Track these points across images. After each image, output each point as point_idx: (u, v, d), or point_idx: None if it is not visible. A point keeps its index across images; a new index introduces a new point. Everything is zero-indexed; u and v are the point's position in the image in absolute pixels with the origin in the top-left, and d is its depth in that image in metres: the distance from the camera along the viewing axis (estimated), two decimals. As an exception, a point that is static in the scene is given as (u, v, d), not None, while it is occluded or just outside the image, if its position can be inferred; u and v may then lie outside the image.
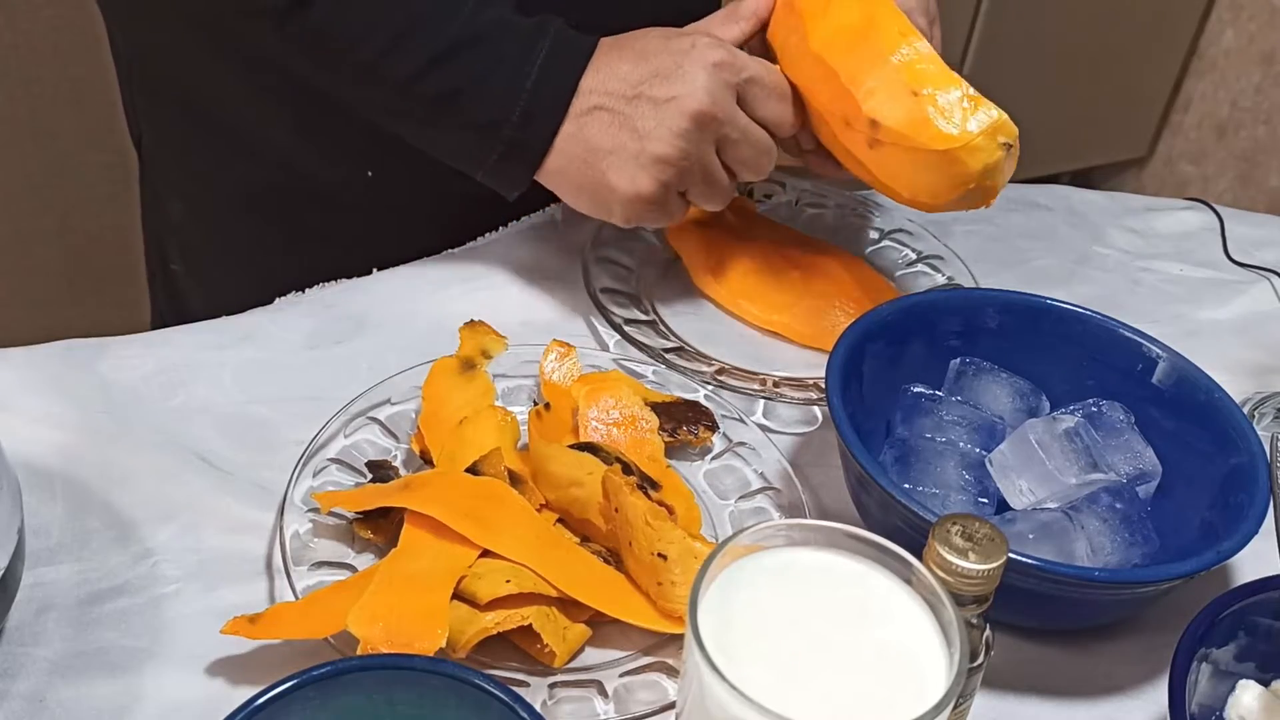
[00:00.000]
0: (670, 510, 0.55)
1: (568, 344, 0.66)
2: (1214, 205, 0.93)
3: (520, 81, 0.65)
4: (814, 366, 0.70)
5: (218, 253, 0.84)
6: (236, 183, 0.80)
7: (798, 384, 0.69)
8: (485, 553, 0.54)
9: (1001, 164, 0.63)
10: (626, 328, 0.71)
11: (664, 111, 0.65)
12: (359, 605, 0.50)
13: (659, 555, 0.52)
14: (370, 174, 0.78)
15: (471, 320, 0.67)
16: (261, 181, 0.79)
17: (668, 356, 0.69)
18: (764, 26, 0.70)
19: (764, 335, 0.74)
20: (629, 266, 0.77)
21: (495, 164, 0.68)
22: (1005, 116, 0.62)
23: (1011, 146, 0.63)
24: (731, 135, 0.67)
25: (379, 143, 0.71)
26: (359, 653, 0.49)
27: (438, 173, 0.71)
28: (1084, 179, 2.22)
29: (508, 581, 0.52)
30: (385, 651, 0.49)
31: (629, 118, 0.65)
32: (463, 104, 0.66)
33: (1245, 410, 0.63)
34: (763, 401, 0.68)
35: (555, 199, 0.73)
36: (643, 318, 0.73)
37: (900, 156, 0.64)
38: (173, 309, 0.88)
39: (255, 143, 0.77)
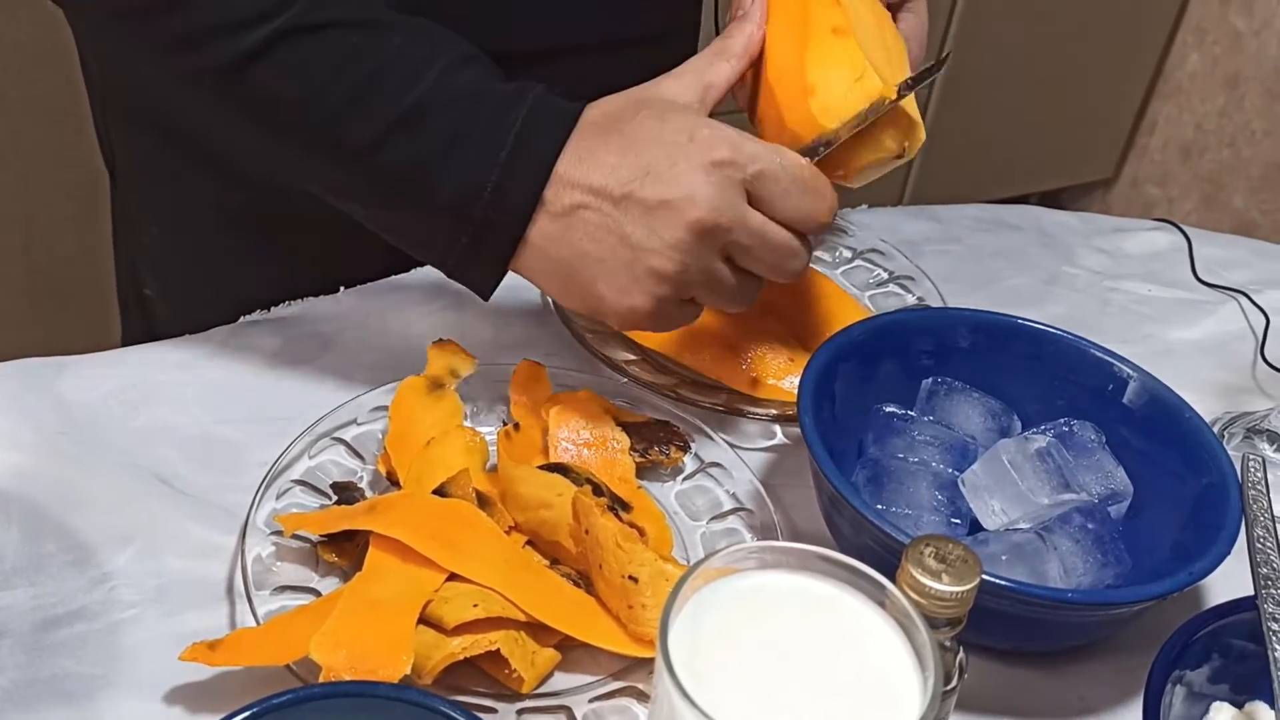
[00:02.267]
0: (641, 532, 0.55)
1: (538, 364, 0.66)
2: (1182, 226, 0.94)
3: (491, 155, 0.56)
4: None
5: (193, 276, 0.83)
6: (212, 204, 0.79)
7: (754, 400, 0.69)
8: (452, 576, 0.53)
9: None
10: (589, 338, 0.70)
11: (657, 220, 0.56)
12: (322, 631, 0.49)
13: (630, 578, 0.52)
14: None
15: (440, 339, 0.66)
16: (236, 202, 0.78)
17: (629, 369, 0.69)
18: (750, 65, 0.63)
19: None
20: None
21: (463, 252, 0.59)
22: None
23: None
24: (743, 241, 0.57)
25: None
26: (321, 680, 0.48)
27: None
28: (1052, 200, 2.24)
29: (475, 606, 0.51)
30: (348, 679, 0.48)
31: (618, 223, 0.56)
32: (425, 179, 0.57)
33: (1215, 430, 0.63)
34: (723, 416, 0.68)
35: None
36: (607, 329, 0.73)
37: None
38: (147, 334, 0.86)
39: (229, 163, 0.76)
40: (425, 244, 0.61)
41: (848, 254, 0.84)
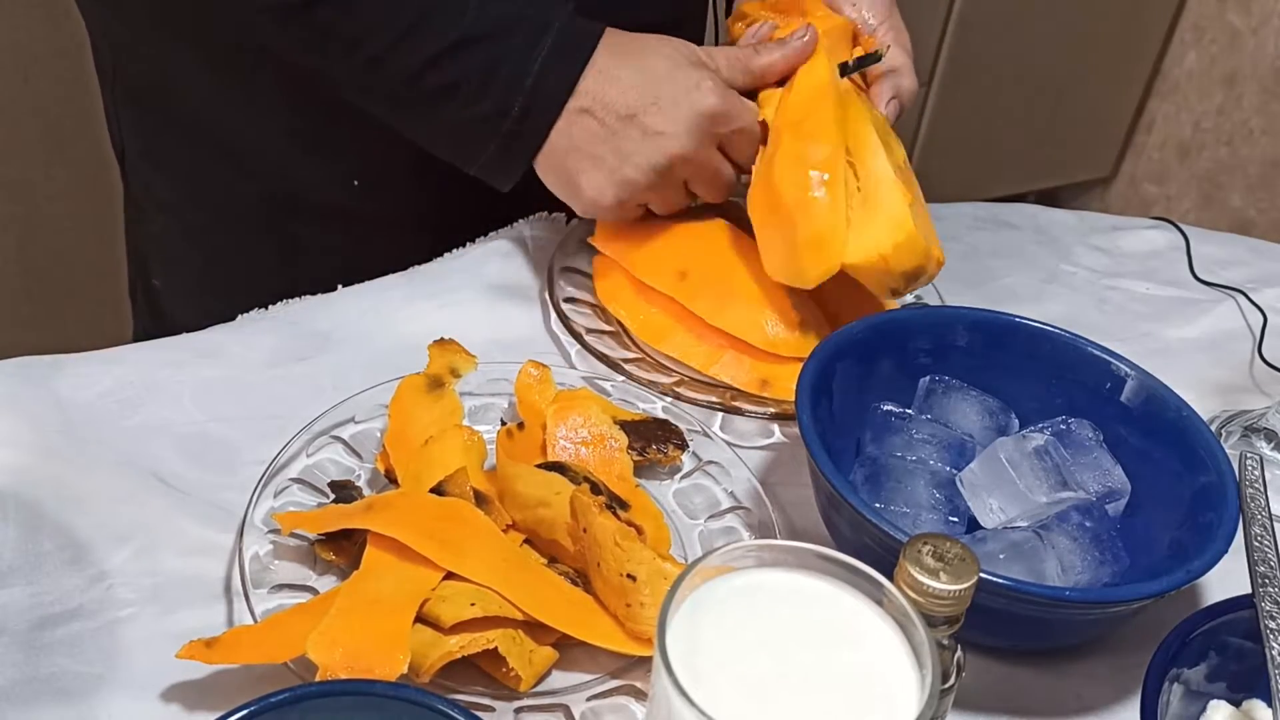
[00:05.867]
0: (639, 530, 0.55)
1: (543, 365, 0.65)
2: (1179, 225, 0.93)
3: (521, 79, 0.66)
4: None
5: (202, 267, 0.84)
6: (223, 194, 0.79)
7: (753, 399, 0.69)
8: (450, 575, 0.53)
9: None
10: (587, 337, 0.70)
11: (649, 144, 0.68)
12: (318, 630, 0.49)
13: (628, 576, 0.52)
14: (357, 183, 0.77)
15: (441, 338, 0.66)
16: (249, 192, 0.79)
17: (627, 368, 0.69)
18: (760, 87, 0.72)
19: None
20: (593, 275, 0.77)
21: (491, 156, 0.69)
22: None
23: None
24: (702, 176, 0.70)
25: (366, 150, 0.71)
26: (318, 678, 0.48)
27: (424, 182, 0.71)
28: (1049, 199, 2.24)
29: (472, 605, 0.51)
30: (345, 677, 0.48)
31: (616, 136, 0.67)
32: (464, 98, 0.67)
33: (1213, 429, 0.63)
34: (721, 415, 0.68)
35: (521, 215, 0.73)
36: (605, 328, 0.73)
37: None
38: (155, 326, 0.87)
39: (242, 151, 0.77)
40: (457, 149, 0.70)
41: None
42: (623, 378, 0.68)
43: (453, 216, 0.77)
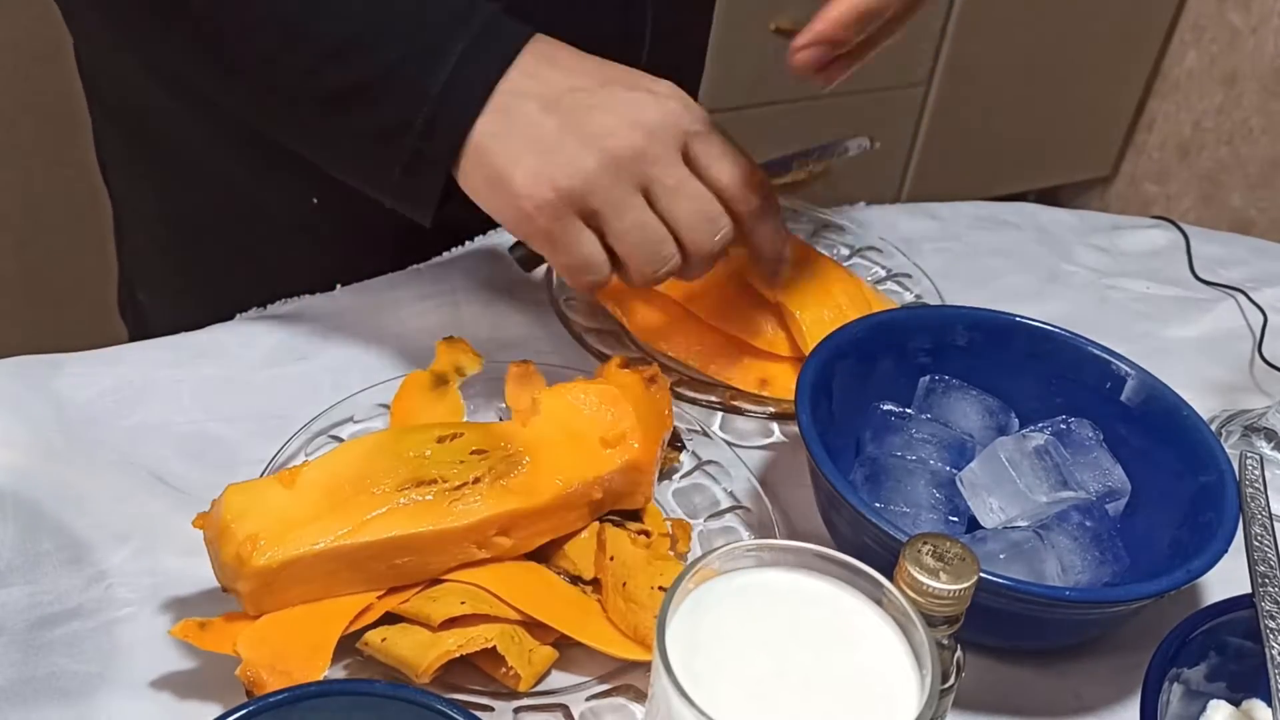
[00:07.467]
0: (648, 534, 0.55)
1: (525, 362, 0.65)
2: (1180, 224, 0.93)
3: (427, 83, 0.56)
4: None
5: (179, 283, 0.83)
6: (188, 209, 0.78)
7: (752, 398, 0.69)
8: (435, 581, 0.53)
9: None
10: (587, 337, 0.70)
11: (595, 124, 0.56)
12: (254, 626, 0.50)
13: (659, 589, 0.52)
14: (315, 200, 0.75)
15: (450, 336, 0.66)
16: (209, 207, 0.77)
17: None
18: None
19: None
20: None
21: (401, 176, 0.58)
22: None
23: None
24: (666, 181, 0.57)
25: (319, 170, 0.68)
26: (238, 673, 0.48)
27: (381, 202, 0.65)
28: (1049, 198, 2.24)
29: (462, 603, 0.51)
30: (266, 677, 0.47)
31: (560, 112, 0.56)
32: (366, 102, 0.57)
33: (1213, 428, 0.63)
34: (720, 414, 0.68)
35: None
36: (605, 328, 0.73)
37: None
38: (142, 339, 0.86)
39: (200, 167, 0.75)
40: (367, 172, 0.60)
41: (845, 251, 0.83)
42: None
43: (419, 232, 0.64)
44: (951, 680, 0.44)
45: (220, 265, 0.80)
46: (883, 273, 0.82)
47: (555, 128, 0.56)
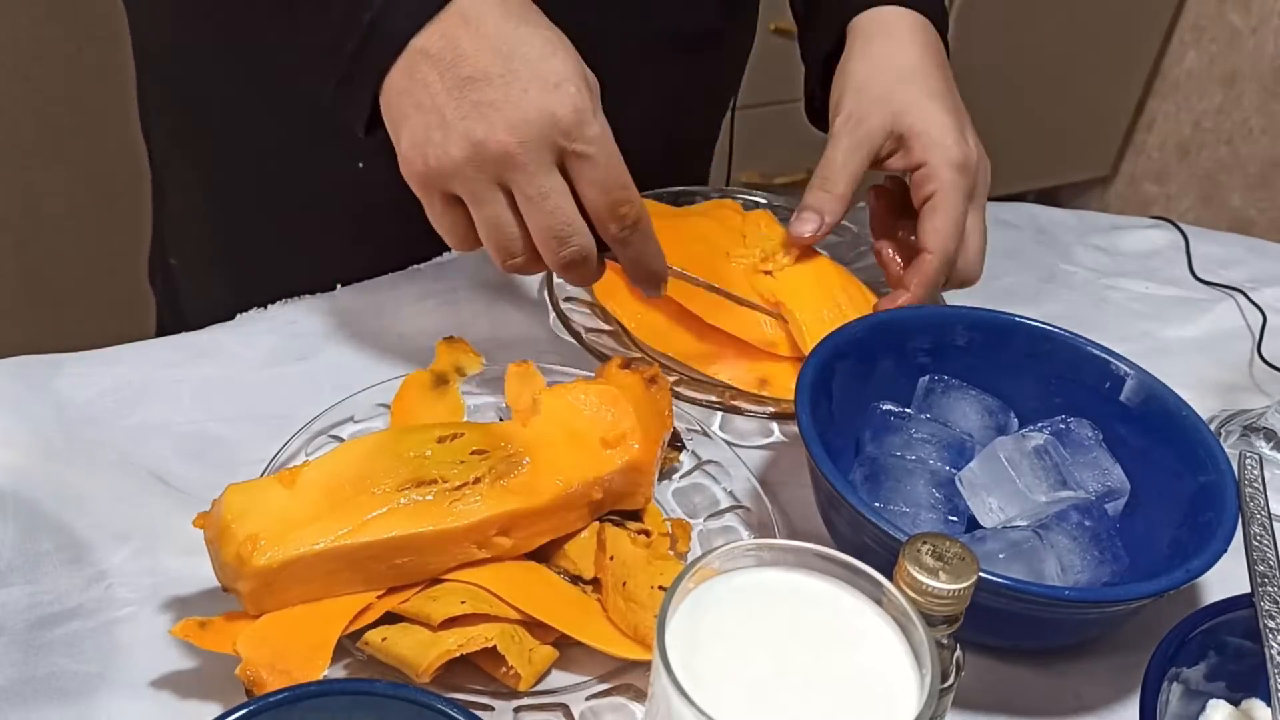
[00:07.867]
0: (648, 534, 0.55)
1: (524, 362, 0.65)
2: (1179, 224, 0.93)
3: (362, 9, 0.57)
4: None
5: (213, 249, 0.85)
6: (226, 176, 0.80)
7: (752, 398, 0.69)
8: (434, 581, 0.53)
9: None
10: (587, 337, 0.70)
11: (475, 117, 0.56)
12: (254, 625, 0.50)
13: (660, 588, 0.52)
14: (361, 165, 0.76)
15: (450, 336, 0.66)
16: (249, 176, 0.79)
17: None
18: None
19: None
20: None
21: (334, 90, 0.60)
22: None
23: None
24: (527, 191, 0.57)
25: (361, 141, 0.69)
26: (238, 673, 0.48)
27: None
28: (1049, 198, 2.24)
29: (463, 603, 0.51)
30: (267, 676, 0.47)
31: (448, 94, 0.57)
32: (314, 19, 0.60)
33: (1212, 428, 0.63)
34: (720, 414, 0.68)
35: None
36: (605, 327, 0.73)
37: None
38: (169, 304, 0.88)
39: (242, 134, 0.77)
40: (316, 76, 0.61)
41: (846, 251, 0.83)
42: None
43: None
44: (951, 680, 0.44)
45: (253, 235, 0.81)
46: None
47: (441, 108, 0.57)
